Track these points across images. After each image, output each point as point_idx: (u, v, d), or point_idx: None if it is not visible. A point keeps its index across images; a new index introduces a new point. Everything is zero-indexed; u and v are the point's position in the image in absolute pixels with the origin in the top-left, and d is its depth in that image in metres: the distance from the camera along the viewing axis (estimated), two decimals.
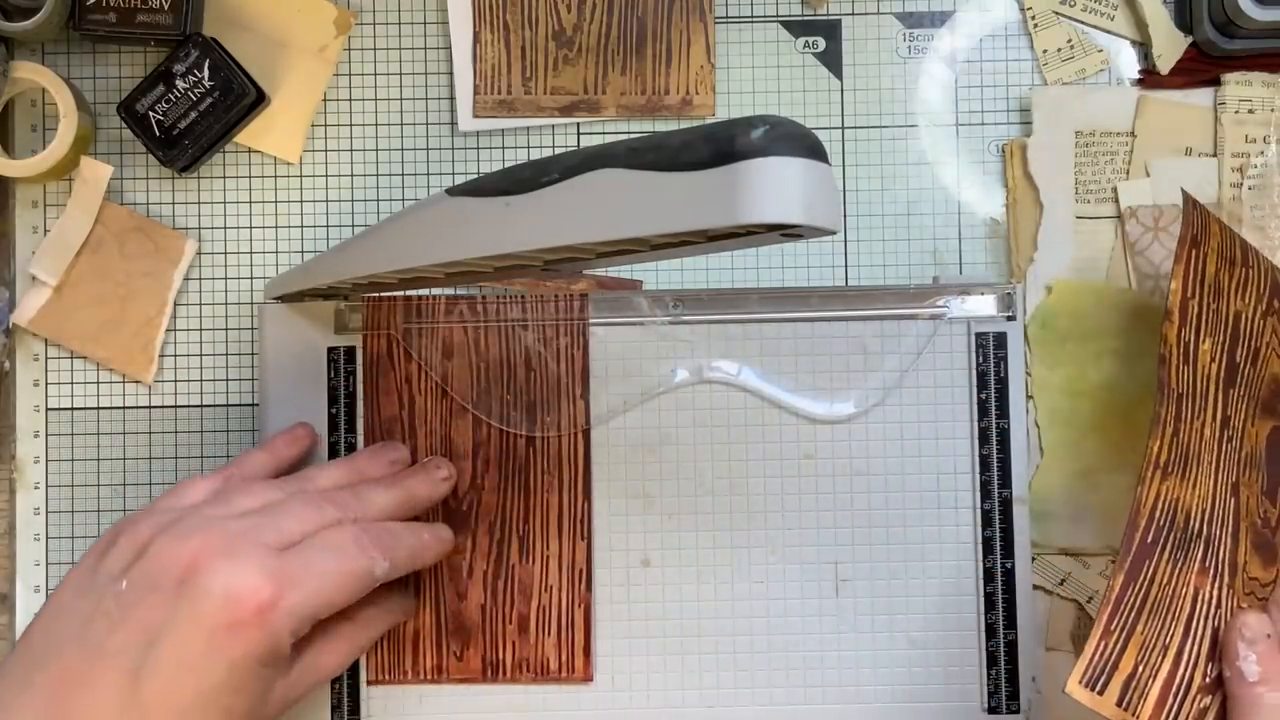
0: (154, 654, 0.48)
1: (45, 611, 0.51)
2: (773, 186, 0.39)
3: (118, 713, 0.48)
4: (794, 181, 0.39)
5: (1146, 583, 0.53)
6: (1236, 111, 0.66)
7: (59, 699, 0.48)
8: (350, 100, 0.67)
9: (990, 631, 0.63)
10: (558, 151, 0.66)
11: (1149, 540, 0.53)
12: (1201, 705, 0.52)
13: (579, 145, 0.67)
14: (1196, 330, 0.56)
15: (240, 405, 0.66)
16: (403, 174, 0.67)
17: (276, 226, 0.66)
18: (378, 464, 0.60)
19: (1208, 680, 0.53)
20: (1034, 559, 0.65)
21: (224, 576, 0.48)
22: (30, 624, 0.51)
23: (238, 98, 0.63)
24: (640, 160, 0.41)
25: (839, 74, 0.67)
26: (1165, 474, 0.54)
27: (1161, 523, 0.54)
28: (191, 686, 0.48)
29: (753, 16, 0.67)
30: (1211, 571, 0.54)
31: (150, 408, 0.66)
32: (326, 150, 0.67)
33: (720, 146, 0.39)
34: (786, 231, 0.43)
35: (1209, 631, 0.53)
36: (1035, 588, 0.65)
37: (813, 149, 0.40)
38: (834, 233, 0.41)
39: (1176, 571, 0.53)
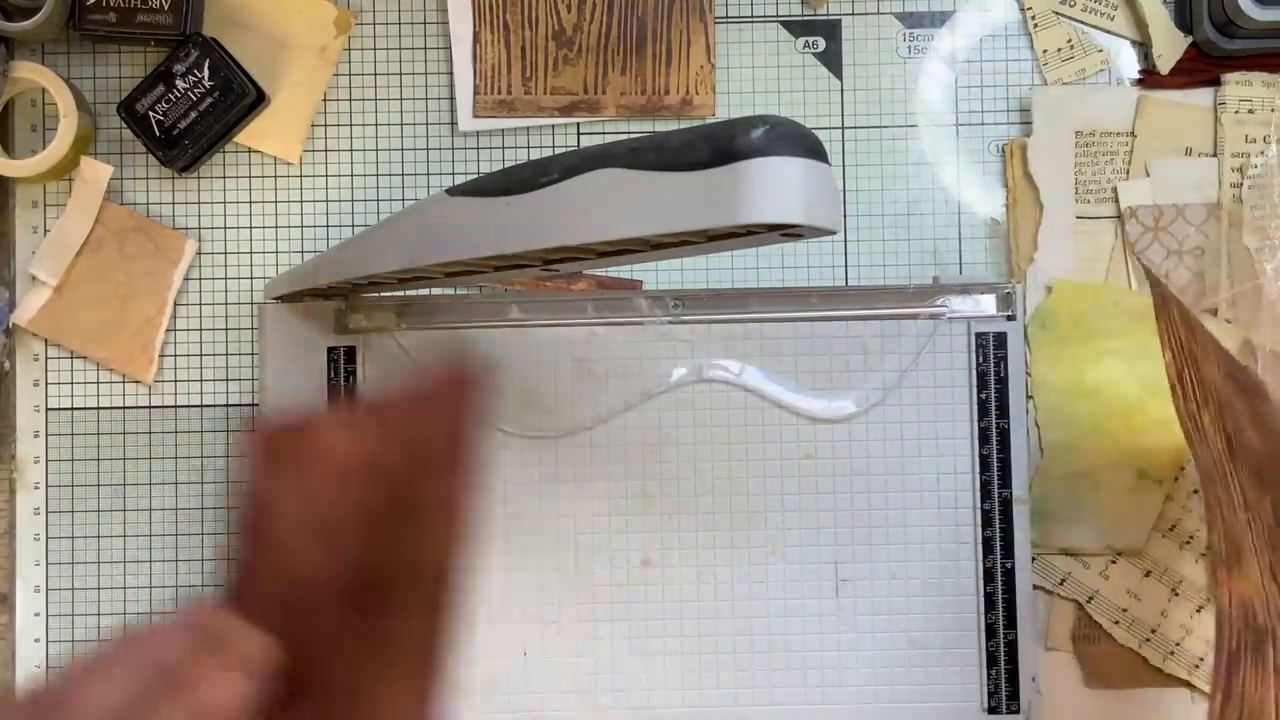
0: None
1: None
2: (773, 186, 0.39)
3: None
4: (794, 181, 0.39)
5: (1239, 698, 0.48)
6: (1236, 111, 0.66)
7: None
8: (350, 100, 0.67)
9: (990, 631, 0.63)
10: (558, 151, 0.66)
11: (1234, 648, 0.48)
12: None
13: (579, 145, 0.67)
14: (1197, 402, 0.52)
15: (240, 405, 0.66)
16: (403, 174, 0.67)
17: (276, 226, 0.66)
18: None
19: None
20: (1034, 559, 0.65)
21: None
22: None
23: (238, 98, 0.63)
24: (640, 160, 0.41)
25: (839, 74, 0.67)
26: (1229, 569, 0.49)
27: (1239, 625, 0.49)
28: None
29: (753, 16, 0.67)
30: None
31: (150, 408, 0.66)
32: (326, 150, 0.67)
33: (720, 146, 0.39)
34: (786, 231, 0.43)
35: None
36: (1035, 588, 0.65)
37: (813, 149, 0.40)
38: (834, 233, 0.41)
39: (1259, 676, 0.48)
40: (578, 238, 0.43)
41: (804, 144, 0.39)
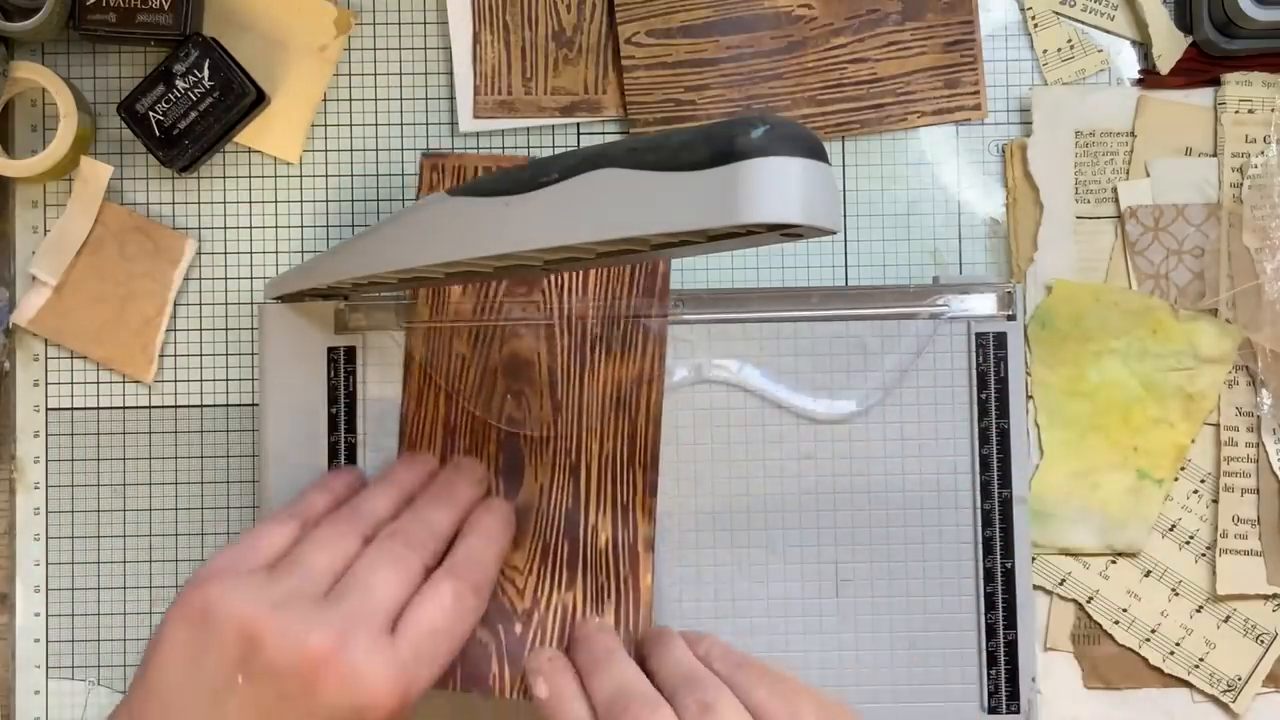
0: None
1: (163, 680, 0.50)
2: (772, 186, 0.39)
3: None
4: (793, 181, 0.39)
5: None
6: (1236, 111, 0.66)
7: None
8: (350, 100, 0.67)
9: (990, 631, 0.63)
10: (558, 152, 0.66)
11: None
12: None
13: (579, 145, 0.67)
14: None
15: (240, 405, 0.66)
16: (403, 174, 0.67)
17: (276, 226, 0.66)
18: (417, 476, 0.61)
19: None
20: (1034, 559, 0.65)
21: (353, 685, 0.48)
22: (144, 682, 0.50)
23: (238, 98, 0.63)
24: (640, 160, 0.41)
25: None
26: None
27: None
28: None
29: None
30: None
31: (150, 408, 0.66)
32: (326, 150, 0.67)
33: (719, 146, 0.39)
34: (786, 231, 0.43)
35: None
36: (1035, 588, 0.65)
37: (812, 149, 0.40)
38: (834, 232, 0.41)
39: None
40: (577, 238, 0.43)
41: (803, 144, 0.39)
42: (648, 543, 0.62)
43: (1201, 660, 0.65)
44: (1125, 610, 0.65)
